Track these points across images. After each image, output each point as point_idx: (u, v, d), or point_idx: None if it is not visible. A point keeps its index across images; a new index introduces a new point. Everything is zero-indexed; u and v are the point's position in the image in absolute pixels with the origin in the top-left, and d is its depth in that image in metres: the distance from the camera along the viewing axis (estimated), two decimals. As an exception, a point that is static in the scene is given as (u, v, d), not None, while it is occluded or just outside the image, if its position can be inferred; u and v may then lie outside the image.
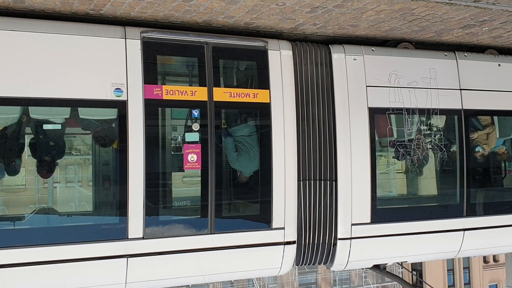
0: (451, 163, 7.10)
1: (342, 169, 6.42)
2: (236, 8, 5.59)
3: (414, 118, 6.85)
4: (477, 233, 7.16)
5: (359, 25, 6.35)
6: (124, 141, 5.49)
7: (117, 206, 5.58)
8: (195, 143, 5.82)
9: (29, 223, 5.45)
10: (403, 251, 6.89)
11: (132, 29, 5.67)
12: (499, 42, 7.39)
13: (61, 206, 5.88)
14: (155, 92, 5.64)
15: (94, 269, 5.40)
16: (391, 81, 6.73)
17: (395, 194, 7.41)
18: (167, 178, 5.98)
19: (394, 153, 6.97)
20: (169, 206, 6.04)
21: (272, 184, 6.09)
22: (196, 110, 5.85)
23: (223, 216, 5.97)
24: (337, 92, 6.48)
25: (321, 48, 6.58)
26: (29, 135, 5.57)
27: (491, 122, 7.60)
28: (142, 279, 5.64)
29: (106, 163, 5.91)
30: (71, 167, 6.10)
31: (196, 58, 5.96)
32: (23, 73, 5.18)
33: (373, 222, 6.53)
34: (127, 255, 5.51)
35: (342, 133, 6.44)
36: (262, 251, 6.10)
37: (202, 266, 5.85)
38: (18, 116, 5.43)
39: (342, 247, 6.45)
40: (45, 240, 5.27)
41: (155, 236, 5.61)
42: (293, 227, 6.23)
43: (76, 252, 5.31)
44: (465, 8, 5.81)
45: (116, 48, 5.53)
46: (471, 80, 7.19)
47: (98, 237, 5.44)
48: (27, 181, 5.75)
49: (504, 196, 7.73)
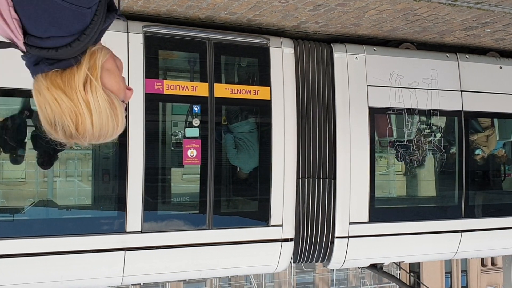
0: (450, 164, 7.11)
1: (341, 168, 6.43)
2: (238, 5, 5.60)
3: (414, 119, 6.85)
4: (475, 235, 7.17)
5: (361, 24, 6.36)
6: (124, 135, 5.50)
7: (116, 200, 5.59)
8: (195, 138, 5.83)
9: (28, 215, 5.47)
10: (400, 251, 6.91)
11: (135, 23, 5.67)
12: (501, 44, 7.39)
13: (61, 199, 5.90)
14: (156, 86, 5.65)
15: (92, 262, 5.42)
16: (392, 81, 6.73)
17: (393, 194, 7.42)
18: (167, 173, 5.99)
19: (393, 153, 6.98)
20: (168, 201, 6.06)
21: (271, 182, 6.10)
22: (197, 106, 5.86)
23: (222, 212, 5.99)
24: (338, 91, 6.49)
25: (323, 46, 6.58)
26: (31, 127, 5.59)
27: (491, 124, 7.60)
28: (139, 272, 5.66)
29: (106, 157, 5.93)
30: (71, 160, 6.12)
31: (197, 54, 5.97)
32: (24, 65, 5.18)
33: (371, 221, 6.54)
34: (124, 248, 5.52)
35: (342, 132, 6.45)
36: (260, 247, 6.11)
37: (199, 261, 5.86)
38: (19, 107, 5.45)
39: (340, 246, 6.46)
40: (44, 231, 5.29)
41: (153, 230, 5.63)
42: (291, 224, 6.25)
43: (74, 244, 5.33)
44: (468, 9, 5.81)
45: (118, 42, 5.54)
46: (472, 82, 7.19)
47: (96, 230, 5.46)
48: (27, 174, 5.77)
49: (502, 199, 7.74)
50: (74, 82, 1.38)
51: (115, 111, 1.43)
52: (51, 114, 1.38)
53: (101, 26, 1.44)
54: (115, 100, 1.44)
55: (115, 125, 1.44)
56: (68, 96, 1.37)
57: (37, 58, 1.41)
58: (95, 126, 1.40)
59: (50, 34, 1.36)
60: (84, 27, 1.39)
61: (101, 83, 1.42)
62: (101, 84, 1.42)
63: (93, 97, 1.38)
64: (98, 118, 1.39)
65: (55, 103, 1.37)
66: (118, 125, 1.45)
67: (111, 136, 1.46)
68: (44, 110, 1.39)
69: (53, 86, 1.38)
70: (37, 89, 1.41)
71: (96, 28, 1.41)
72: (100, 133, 1.42)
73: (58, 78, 1.39)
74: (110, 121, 1.42)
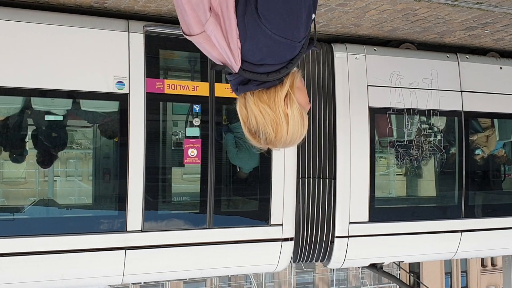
0: (450, 164, 7.12)
1: (342, 168, 6.44)
2: (239, 5, 5.61)
3: (415, 119, 6.87)
4: (475, 235, 7.18)
5: (361, 24, 6.37)
6: (125, 134, 5.52)
7: (116, 199, 5.60)
8: (195, 138, 5.84)
9: (28, 214, 5.48)
10: (400, 250, 6.92)
11: (136, 23, 5.68)
12: (501, 45, 7.40)
13: (61, 198, 5.91)
14: (156, 86, 5.66)
15: (92, 260, 5.43)
16: (392, 81, 6.74)
17: (393, 194, 7.43)
18: (167, 172, 6.00)
19: (393, 153, 6.99)
20: (168, 200, 6.07)
21: (271, 181, 6.11)
22: (198, 105, 5.87)
23: (222, 211, 6.00)
24: (338, 91, 6.50)
25: (323, 46, 6.59)
26: (31, 126, 5.60)
27: (491, 124, 7.61)
28: (140, 271, 5.67)
29: (107, 156, 5.94)
30: (72, 160, 6.13)
31: (198, 53, 5.97)
32: (26, 64, 5.21)
33: (370, 221, 6.55)
34: (125, 247, 5.54)
35: (342, 132, 6.46)
36: (260, 247, 6.12)
37: (199, 260, 5.88)
38: (20, 106, 5.46)
39: (340, 245, 6.48)
40: (44, 230, 5.30)
41: (153, 229, 5.64)
42: (291, 224, 6.26)
43: (74, 243, 5.34)
44: (468, 9, 5.82)
45: (119, 41, 5.56)
46: (472, 82, 7.20)
47: (97, 229, 5.47)
48: (28, 174, 5.79)
49: (502, 199, 7.75)
50: (277, 98, 1.68)
51: (304, 121, 1.73)
52: (255, 124, 1.70)
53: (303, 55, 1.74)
54: (304, 113, 1.73)
55: (302, 133, 1.73)
56: (272, 109, 1.67)
57: (244, 79, 1.70)
58: (289, 134, 1.69)
59: (265, 62, 1.66)
60: (292, 57, 1.69)
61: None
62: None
63: (291, 110, 1.68)
64: (292, 127, 1.69)
65: (260, 115, 1.68)
66: (303, 133, 1.74)
67: (296, 142, 1.75)
68: (249, 121, 1.71)
69: (260, 101, 1.68)
70: (243, 104, 1.72)
71: (300, 57, 1.71)
72: (292, 140, 1.72)
73: (264, 95, 1.68)
74: (300, 130, 1.72)
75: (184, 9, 1.64)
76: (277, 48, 1.64)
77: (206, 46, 1.69)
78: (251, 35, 1.62)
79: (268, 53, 1.64)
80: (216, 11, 1.62)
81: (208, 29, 1.63)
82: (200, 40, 1.68)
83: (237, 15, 1.62)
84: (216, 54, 1.70)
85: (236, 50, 1.64)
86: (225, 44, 1.64)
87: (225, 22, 1.62)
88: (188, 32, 1.69)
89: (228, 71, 1.73)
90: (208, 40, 1.66)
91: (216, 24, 1.62)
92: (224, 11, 1.61)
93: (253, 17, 1.60)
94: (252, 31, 1.61)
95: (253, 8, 1.59)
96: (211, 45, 1.67)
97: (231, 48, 1.64)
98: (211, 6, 1.62)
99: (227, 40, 1.63)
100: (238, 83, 1.72)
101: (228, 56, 1.66)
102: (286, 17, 1.61)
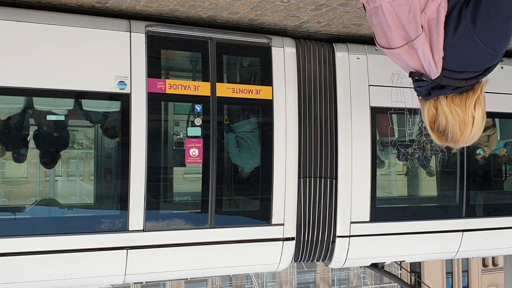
0: (452, 164, 7.12)
1: (343, 168, 6.44)
2: (240, 4, 5.62)
3: (416, 119, 6.87)
4: (476, 234, 7.18)
5: (363, 24, 6.37)
6: (127, 134, 5.53)
7: (118, 198, 5.61)
8: (197, 137, 5.85)
9: (30, 213, 5.50)
10: (401, 250, 6.92)
11: (137, 23, 5.70)
12: (502, 44, 7.39)
13: (63, 198, 5.92)
14: (158, 86, 5.67)
15: (94, 260, 5.44)
16: (393, 81, 6.74)
17: (394, 194, 7.43)
18: (169, 172, 6.01)
19: (395, 153, 6.99)
20: (170, 199, 6.08)
21: (272, 181, 6.12)
22: (199, 105, 5.88)
23: (223, 211, 6.01)
24: (339, 91, 6.50)
25: (324, 46, 6.60)
26: (33, 126, 5.61)
27: (493, 124, 7.62)
28: (142, 271, 5.68)
29: (108, 156, 5.95)
30: (73, 159, 6.14)
31: (200, 53, 5.99)
32: (27, 64, 5.22)
33: (372, 220, 6.55)
34: (127, 247, 5.55)
35: (343, 131, 6.46)
36: (261, 246, 6.13)
37: (201, 259, 5.88)
38: (22, 106, 5.47)
39: (341, 245, 6.48)
40: (46, 230, 5.32)
41: (155, 229, 5.65)
42: (293, 223, 6.26)
43: (76, 243, 5.35)
44: (469, 9, 5.82)
45: (121, 41, 5.57)
46: (474, 81, 7.19)
47: (99, 228, 5.48)
48: (29, 173, 5.80)
49: (504, 199, 7.75)
50: (468, 102, 1.88)
51: (483, 124, 1.92)
52: (444, 124, 1.89)
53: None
54: (485, 116, 1.93)
55: (479, 134, 1.92)
56: (462, 111, 1.87)
57: (438, 84, 1.90)
58: (472, 133, 1.89)
59: (466, 70, 1.85)
60: (489, 66, 1.88)
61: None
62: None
63: (477, 114, 1.89)
64: (476, 128, 1.89)
65: (451, 116, 1.87)
66: (480, 134, 1.93)
67: (473, 141, 1.95)
68: (438, 120, 1.90)
69: (453, 104, 1.88)
70: (433, 105, 1.92)
71: (496, 66, 1.90)
72: (472, 139, 1.92)
73: (457, 98, 1.89)
74: (480, 131, 1.91)
75: (389, 26, 1.88)
76: (481, 58, 1.83)
77: (405, 57, 1.91)
78: (460, 46, 1.81)
79: (473, 62, 1.84)
80: (424, 27, 1.83)
81: (417, 43, 1.84)
82: (400, 52, 1.90)
83: (445, 29, 1.82)
84: (413, 64, 1.91)
85: (439, 60, 1.84)
86: (430, 55, 1.84)
87: (432, 36, 1.83)
88: (388, 46, 1.94)
89: (421, 78, 1.92)
90: (407, 52, 1.89)
91: (425, 39, 1.83)
92: (432, 26, 1.82)
93: (467, 31, 1.79)
94: (462, 43, 1.81)
95: (468, 23, 1.78)
96: (410, 56, 1.89)
97: (435, 59, 1.84)
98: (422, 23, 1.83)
99: (432, 52, 1.84)
100: (431, 88, 1.91)
101: (429, 66, 1.86)
102: (499, 33, 1.79)
